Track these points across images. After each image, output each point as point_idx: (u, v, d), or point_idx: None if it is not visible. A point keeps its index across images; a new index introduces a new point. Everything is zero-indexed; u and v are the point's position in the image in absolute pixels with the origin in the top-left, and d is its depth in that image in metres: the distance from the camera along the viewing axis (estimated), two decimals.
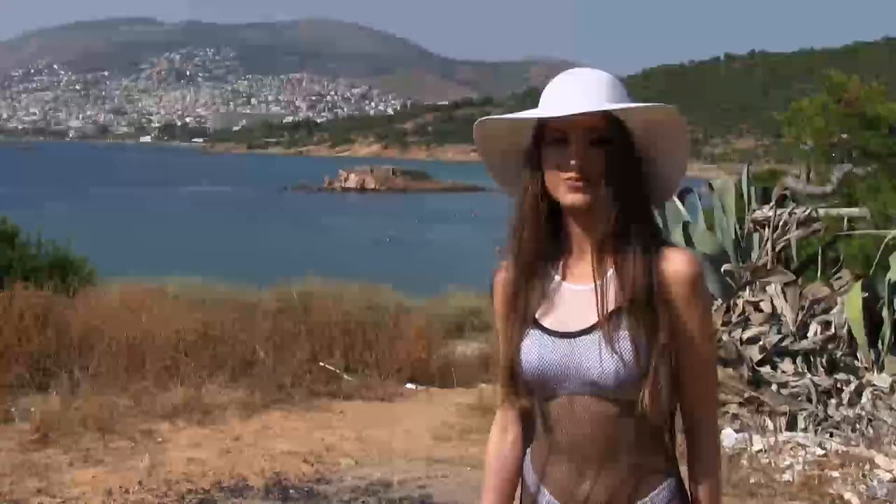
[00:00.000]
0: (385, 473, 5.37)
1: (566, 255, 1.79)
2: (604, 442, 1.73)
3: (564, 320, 1.75)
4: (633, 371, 1.67)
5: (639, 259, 1.70)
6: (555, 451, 1.78)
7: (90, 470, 5.12)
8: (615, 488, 1.74)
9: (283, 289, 10.03)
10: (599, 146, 1.69)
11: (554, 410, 1.76)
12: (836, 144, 8.07)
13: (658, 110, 1.73)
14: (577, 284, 1.77)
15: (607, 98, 1.71)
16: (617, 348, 1.67)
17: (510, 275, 1.82)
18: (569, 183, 1.70)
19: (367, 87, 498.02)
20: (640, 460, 1.74)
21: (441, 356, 8.93)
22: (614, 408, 1.71)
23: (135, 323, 7.28)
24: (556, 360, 1.72)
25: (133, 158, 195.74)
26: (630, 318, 1.68)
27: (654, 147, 1.76)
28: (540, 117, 1.73)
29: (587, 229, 1.75)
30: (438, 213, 78.71)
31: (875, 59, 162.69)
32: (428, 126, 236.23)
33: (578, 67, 1.81)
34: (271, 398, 6.75)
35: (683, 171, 1.84)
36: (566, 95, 1.73)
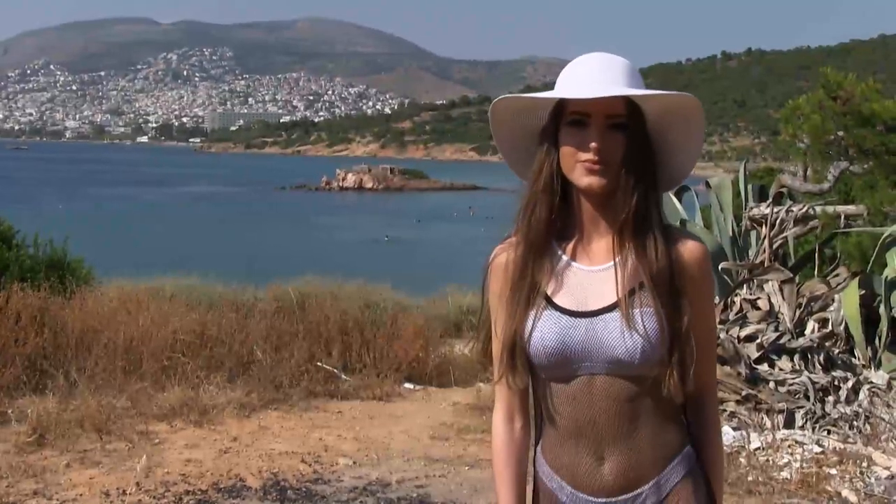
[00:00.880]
0: (383, 473, 5.37)
1: (575, 235, 1.80)
2: (624, 421, 1.74)
3: (581, 300, 1.75)
4: (658, 348, 1.69)
5: (659, 241, 1.73)
6: (568, 435, 1.78)
7: (87, 471, 5.11)
8: (636, 467, 1.75)
9: (281, 289, 10.02)
10: (617, 130, 1.71)
11: (570, 392, 1.76)
12: (832, 142, 8.07)
13: (683, 99, 1.75)
14: (590, 265, 1.78)
15: (627, 83, 1.73)
16: (640, 326, 1.69)
17: (517, 253, 1.80)
18: (586, 165, 1.71)
19: (364, 86, 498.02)
20: (658, 437, 1.76)
21: (439, 355, 8.92)
22: (634, 386, 1.73)
23: (132, 323, 7.26)
24: (578, 340, 1.72)
25: (130, 158, 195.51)
26: (651, 297, 1.70)
27: (668, 135, 1.78)
28: (561, 97, 1.74)
29: (601, 211, 1.76)
30: (436, 211, 78.72)
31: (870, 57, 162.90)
32: (425, 125, 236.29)
33: (597, 52, 1.81)
34: (269, 398, 6.74)
35: (695, 161, 1.86)
36: (589, 77, 1.74)
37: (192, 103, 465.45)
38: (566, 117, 1.74)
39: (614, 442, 1.75)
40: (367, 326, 8.25)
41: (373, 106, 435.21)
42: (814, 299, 6.69)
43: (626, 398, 1.73)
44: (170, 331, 7.24)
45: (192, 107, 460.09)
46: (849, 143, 8.04)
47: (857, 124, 7.83)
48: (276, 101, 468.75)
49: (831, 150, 8.13)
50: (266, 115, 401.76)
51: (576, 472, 1.78)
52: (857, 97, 7.84)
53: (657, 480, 1.76)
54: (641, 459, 1.75)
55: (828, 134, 7.95)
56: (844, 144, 8.10)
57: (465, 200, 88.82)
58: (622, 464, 1.75)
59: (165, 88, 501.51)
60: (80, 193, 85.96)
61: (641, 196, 1.72)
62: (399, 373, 7.74)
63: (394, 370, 7.68)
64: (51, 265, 9.25)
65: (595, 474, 1.76)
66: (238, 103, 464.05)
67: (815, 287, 6.79)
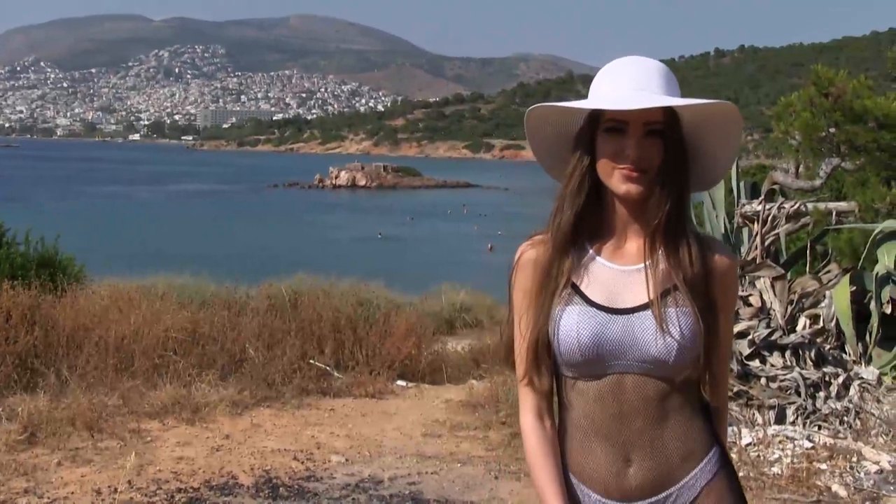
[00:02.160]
0: (375, 470, 5.37)
1: (608, 236, 1.80)
2: (653, 422, 1.73)
3: (614, 297, 1.75)
4: (693, 348, 1.70)
5: (693, 246, 1.75)
6: (594, 437, 1.76)
7: (78, 469, 5.10)
8: (664, 469, 1.74)
9: (273, 287, 10.00)
10: (654, 137, 1.71)
11: (598, 391, 1.75)
12: (824, 139, 8.08)
13: (722, 107, 1.75)
14: (621, 265, 1.78)
15: (664, 90, 1.74)
16: (676, 325, 1.70)
17: (546, 252, 1.80)
18: (624, 172, 1.72)
19: (357, 83, 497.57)
20: (686, 438, 1.75)
21: (432, 353, 8.92)
22: (664, 386, 1.73)
23: (123, 322, 7.24)
24: (614, 337, 1.72)
25: (122, 156, 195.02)
26: (687, 299, 1.71)
27: (704, 141, 1.79)
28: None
29: (634, 215, 1.77)
30: (429, 209, 78.69)
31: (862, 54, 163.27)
32: (418, 123, 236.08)
33: (632, 57, 1.81)
34: (261, 396, 6.73)
35: (729, 167, 1.90)
36: (627, 85, 1.74)
37: (185, 101, 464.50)
38: (603, 123, 1.74)
39: (642, 443, 1.74)
40: (359, 324, 8.24)
41: (366, 103, 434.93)
42: (805, 296, 6.71)
43: (657, 398, 1.73)
44: (161, 329, 7.22)
45: (184, 104, 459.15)
46: (840, 139, 8.05)
47: (848, 121, 7.84)
48: (268, 99, 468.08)
49: (823, 146, 8.14)
50: (258, 112, 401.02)
51: (601, 477, 1.76)
52: (848, 94, 7.85)
53: (685, 482, 1.75)
54: (669, 461, 1.74)
55: (819, 130, 7.96)
56: (836, 141, 8.11)
57: (458, 198, 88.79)
58: (650, 466, 1.74)
59: (157, 86, 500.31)
60: (71, 191, 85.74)
61: (675, 201, 1.74)
62: (392, 370, 7.73)
63: (386, 367, 7.68)
64: (42, 263, 9.22)
65: (622, 477, 1.75)
66: (230, 101, 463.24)
67: (806, 283, 6.80)
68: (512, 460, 5.54)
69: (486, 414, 6.51)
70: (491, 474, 5.33)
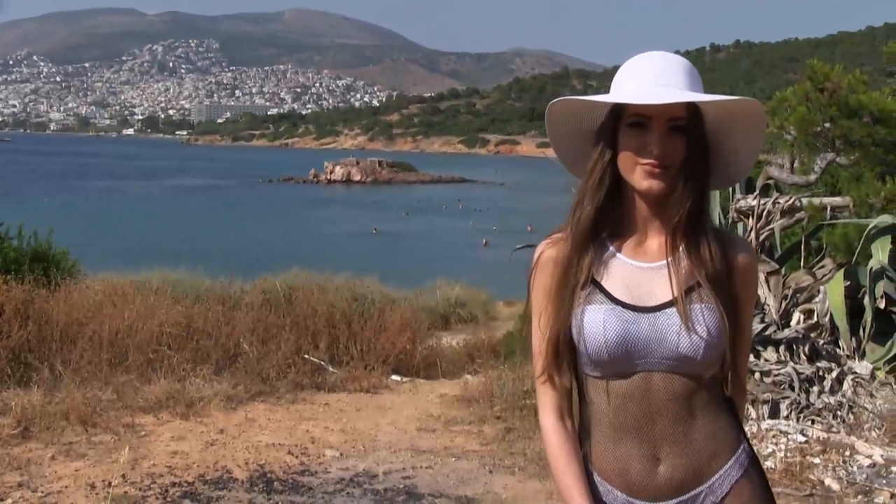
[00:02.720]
0: (370, 465, 5.37)
1: (628, 233, 1.79)
2: (681, 419, 1.72)
3: (638, 295, 1.74)
4: (720, 345, 1.69)
5: (713, 243, 1.74)
6: (621, 436, 1.75)
7: (72, 463, 5.09)
8: (693, 466, 1.73)
9: (268, 281, 10.00)
10: (677, 132, 1.70)
11: (625, 390, 1.73)
12: (819, 133, 8.09)
13: (745, 103, 1.74)
14: (643, 262, 1.77)
15: (688, 86, 1.73)
16: (703, 322, 1.69)
17: (566, 249, 1.79)
18: (646, 168, 1.70)
19: (352, 78, 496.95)
20: (715, 435, 1.74)
21: (426, 347, 8.92)
22: (691, 383, 1.72)
23: (117, 316, 7.23)
24: (642, 335, 1.71)
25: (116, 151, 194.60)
26: (711, 295, 1.71)
27: (727, 137, 1.77)
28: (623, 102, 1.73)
29: (655, 211, 1.76)
30: (424, 204, 78.67)
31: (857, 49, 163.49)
32: (414, 118, 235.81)
33: (657, 52, 1.80)
34: (255, 390, 6.73)
35: (753, 163, 1.87)
36: (650, 80, 1.73)
37: (179, 95, 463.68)
38: (626, 118, 1.73)
39: (671, 441, 1.72)
40: (354, 319, 8.25)
41: (361, 98, 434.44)
42: (799, 290, 6.72)
43: (684, 396, 1.72)
44: (156, 323, 7.21)
45: (178, 99, 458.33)
46: (835, 134, 8.05)
47: (843, 116, 7.84)
48: (263, 94, 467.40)
49: (818, 141, 8.15)
50: (253, 107, 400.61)
51: (629, 477, 1.74)
52: (843, 89, 7.86)
53: (715, 480, 1.73)
54: (698, 458, 1.73)
55: (814, 125, 7.96)
56: (831, 136, 8.11)
57: (453, 193, 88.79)
58: (679, 464, 1.72)
59: (151, 80, 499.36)
60: (65, 186, 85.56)
61: (697, 198, 1.73)
62: (386, 365, 7.73)
63: (381, 362, 7.68)
64: (35, 258, 9.20)
65: (650, 476, 1.73)
66: (225, 95, 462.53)
67: (800, 278, 6.81)
68: (506, 455, 5.55)
69: (481, 408, 6.52)
70: (485, 468, 5.33)
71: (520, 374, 6.79)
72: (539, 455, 5.44)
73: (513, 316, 15.51)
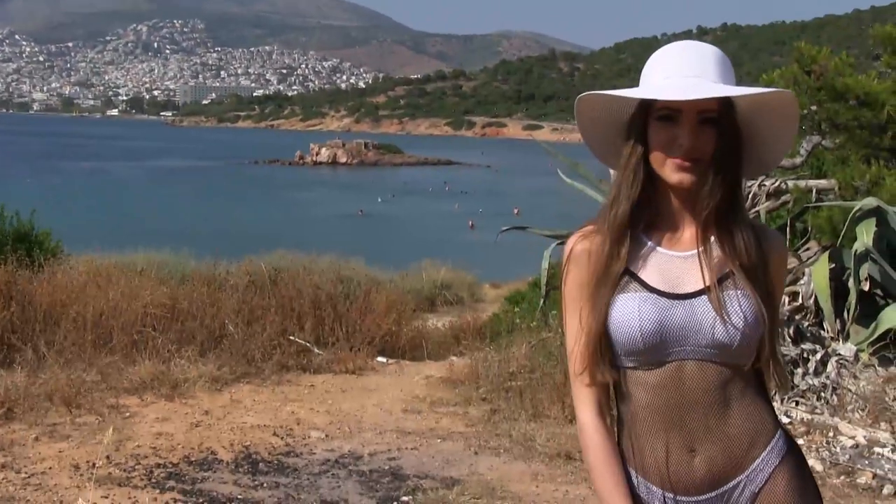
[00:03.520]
0: (355, 446, 5.37)
1: (661, 224, 1.78)
2: (716, 409, 1.70)
3: (673, 283, 1.72)
4: (756, 332, 1.68)
5: (747, 233, 1.72)
6: (656, 429, 1.72)
7: (56, 445, 5.07)
8: (729, 456, 1.71)
9: (254, 263, 9.95)
10: (708, 124, 1.68)
11: (658, 379, 1.71)
12: (805, 116, 8.09)
13: (778, 95, 1.71)
14: (676, 251, 1.76)
15: (719, 77, 1.70)
16: (739, 309, 1.68)
17: (601, 243, 1.77)
18: (676, 162, 1.69)
19: (338, 60, 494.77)
20: (750, 424, 1.72)
21: (412, 329, 8.92)
22: (726, 372, 1.70)
23: (102, 297, 7.19)
24: (678, 322, 1.69)
25: (100, 132, 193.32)
26: (746, 283, 1.69)
27: (759, 128, 1.75)
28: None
29: (687, 203, 1.75)
30: (411, 186, 78.59)
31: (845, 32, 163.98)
32: (400, 99, 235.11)
33: (686, 42, 1.77)
34: (241, 372, 6.71)
35: (785, 153, 1.86)
36: (680, 72, 1.71)
37: (164, 76, 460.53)
38: (655, 111, 1.71)
39: (706, 432, 1.70)
40: (340, 300, 8.22)
41: (347, 80, 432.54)
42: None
43: (718, 385, 1.70)
44: (140, 305, 7.18)
45: (163, 80, 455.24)
46: (822, 117, 8.06)
47: (830, 98, 7.85)
48: (248, 75, 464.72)
49: (804, 124, 8.14)
50: (238, 88, 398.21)
51: (665, 471, 1.72)
52: (830, 71, 7.85)
53: (752, 469, 1.71)
54: (735, 449, 1.70)
55: (801, 108, 7.96)
56: (817, 119, 8.12)
57: (439, 175, 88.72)
58: (715, 454, 1.70)
59: (136, 61, 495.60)
60: (49, 167, 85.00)
61: (728, 189, 1.71)
62: (372, 346, 7.73)
63: (366, 344, 7.67)
64: (18, 238, 9.13)
65: (687, 469, 1.70)
66: (210, 76, 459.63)
67: None
68: (491, 436, 5.56)
69: (467, 390, 6.52)
70: (471, 450, 5.34)
71: (505, 356, 6.80)
72: (524, 436, 5.46)
73: (499, 298, 15.53)
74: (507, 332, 8.94)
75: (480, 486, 4.71)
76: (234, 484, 4.67)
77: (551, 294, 8.28)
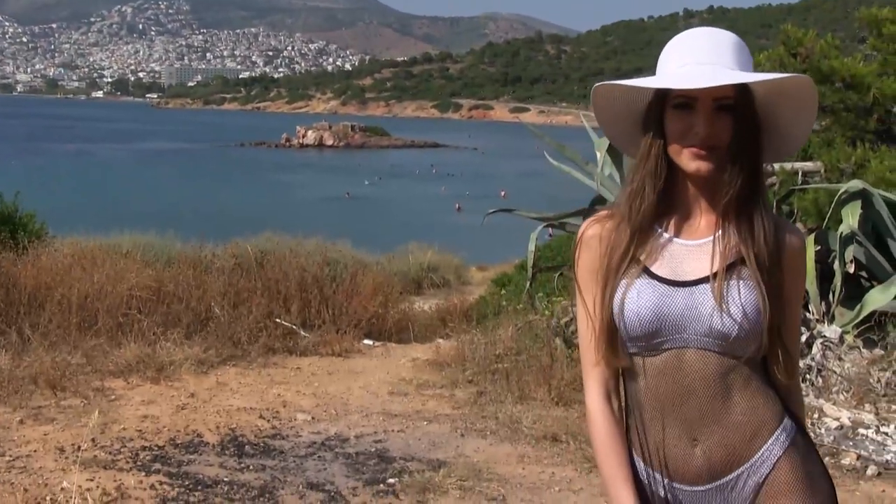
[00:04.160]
0: (342, 428, 5.37)
1: (676, 212, 1.76)
2: (716, 399, 1.68)
3: (677, 270, 1.71)
4: (755, 323, 1.66)
5: (767, 223, 1.70)
6: (657, 416, 1.72)
7: (41, 427, 5.04)
8: (731, 446, 1.69)
9: (240, 246, 9.91)
10: (725, 112, 1.67)
11: (658, 366, 1.71)
12: None
13: (795, 80, 1.70)
14: (689, 240, 1.74)
15: (735, 64, 1.68)
16: (738, 299, 1.66)
17: (613, 230, 1.76)
18: (693, 150, 1.67)
19: (324, 42, 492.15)
20: (753, 414, 1.70)
21: (399, 312, 8.91)
22: (726, 361, 1.68)
23: (87, 280, 7.14)
24: (676, 309, 1.68)
25: (86, 114, 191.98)
26: (753, 273, 1.67)
27: (778, 113, 1.73)
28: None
29: (705, 191, 1.73)
30: (397, 169, 78.44)
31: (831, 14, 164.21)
32: (386, 82, 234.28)
33: (702, 28, 1.75)
34: (227, 354, 6.69)
35: (807, 137, 1.83)
36: (695, 59, 1.69)
37: (149, 58, 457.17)
38: (671, 99, 1.69)
39: (707, 421, 1.69)
40: (326, 283, 8.20)
41: (333, 62, 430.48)
42: None
43: (719, 374, 1.68)
44: (126, 287, 7.14)
45: (148, 61, 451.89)
46: None
47: (816, 81, 7.84)
48: (234, 57, 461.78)
49: None
50: (224, 70, 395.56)
51: (667, 459, 1.72)
52: (816, 54, 7.87)
53: (755, 461, 1.70)
54: (736, 440, 1.69)
55: None
56: None
57: (426, 158, 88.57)
58: (716, 446, 1.69)
59: (120, 42, 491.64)
60: (34, 149, 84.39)
61: (747, 177, 1.69)
62: (358, 329, 7.72)
63: (353, 326, 7.66)
64: (1, 220, 9.07)
65: (687, 459, 1.70)
66: (196, 58, 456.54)
67: None
68: (478, 418, 5.57)
69: (453, 372, 6.53)
70: (457, 432, 5.34)
71: (492, 339, 6.81)
72: (511, 418, 5.47)
73: (485, 281, 15.54)
74: (493, 314, 8.95)
75: (467, 468, 4.71)
76: (219, 466, 4.67)
77: (537, 276, 8.29)
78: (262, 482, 4.49)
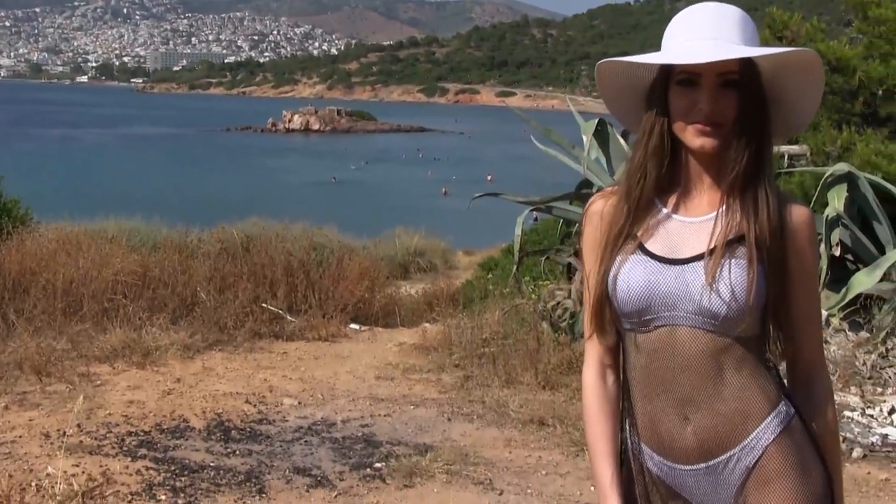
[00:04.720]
0: (328, 413, 5.36)
1: (677, 189, 1.74)
2: (708, 378, 1.67)
3: (673, 248, 1.70)
4: (746, 302, 1.63)
5: (772, 200, 1.67)
6: (649, 393, 1.71)
7: (26, 413, 5.02)
8: (722, 427, 1.67)
9: (226, 231, 9.88)
10: (730, 87, 1.64)
11: (650, 343, 1.70)
12: None
13: (801, 54, 1.67)
14: (689, 217, 1.72)
15: (741, 38, 1.66)
16: (728, 277, 1.64)
17: (615, 205, 1.75)
18: (698, 127, 1.65)
19: (310, 26, 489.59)
20: (746, 395, 1.67)
21: (385, 296, 8.90)
22: (719, 340, 1.66)
23: (72, 265, 7.11)
24: (666, 286, 1.66)
25: (70, 98, 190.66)
26: (749, 251, 1.65)
27: (784, 88, 1.71)
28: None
29: (709, 168, 1.71)
30: (384, 153, 78.27)
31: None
32: (372, 66, 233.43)
33: (706, 2, 1.74)
34: (213, 339, 6.67)
35: (814, 112, 1.80)
36: (699, 33, 1.68)
37: (134, 42, 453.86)
38: (675, 76, 1.67)
39: (698, 400, 1.67)
40: (312, 267, 8.18)
41: (319, 47, 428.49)
42: None
43: (710, 353, 1.66)
44: (111, 272, 7.10)
45: (133, 46, 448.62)
46: None
47: None
48: (219, 41, 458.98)
49: None
50: (210, 55, 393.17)
51: (660, 437, 1.71)
52: (802, 37, 7.88)
53: (746, 443, 1.67)
54: (728, 420, 1.67)
55: None
56: None
57: (412, 142, 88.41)
58: (707, 424, 1.67)
59: (105, 27, 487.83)
60: (18, 134, 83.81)
61: (753, 153, 1.67)
62: (345, 313, 7.70)
63: (339, 311, 7.65)
64: None
65: (679, 437, 1.69)
66: (181, 43, 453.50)
67: None
68: (465, 402, 5.57)
69: (440, 357, 6.53)
70: (444, 416, 5.35)
71: (478, 323, 6.80)
72: (497, 402, 5.48)
73: (472, 265, 15.54)
74: (480, 298, 8.95)
75: (453, 452, 4.72)
76: (206, 451, 4.66)
77: (524, 260, 8.29)
78: (249, 467, 4.48)
